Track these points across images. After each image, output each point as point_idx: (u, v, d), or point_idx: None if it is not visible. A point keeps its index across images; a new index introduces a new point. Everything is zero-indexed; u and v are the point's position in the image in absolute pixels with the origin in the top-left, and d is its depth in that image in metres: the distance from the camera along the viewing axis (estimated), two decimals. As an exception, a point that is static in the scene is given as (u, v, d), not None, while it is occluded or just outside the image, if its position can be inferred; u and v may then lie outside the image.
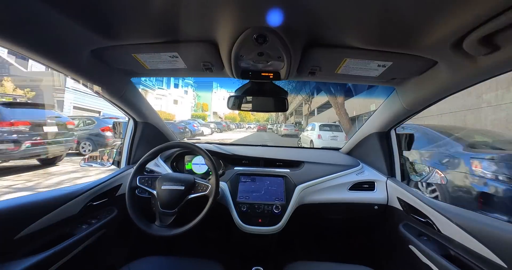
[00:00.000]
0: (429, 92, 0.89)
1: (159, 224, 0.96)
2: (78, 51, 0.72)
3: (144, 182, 1.02)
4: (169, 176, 1.03)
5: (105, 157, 1.37)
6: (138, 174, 1.03)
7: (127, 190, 0.99)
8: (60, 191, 0.91)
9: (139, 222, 0.95)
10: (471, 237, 0.73)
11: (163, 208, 0.96)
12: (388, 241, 1.23)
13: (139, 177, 1.02)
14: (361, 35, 0.64)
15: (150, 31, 0.66)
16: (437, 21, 0.53)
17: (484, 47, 0.56)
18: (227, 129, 24.95)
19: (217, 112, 47.85)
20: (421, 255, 0.90)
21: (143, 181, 1.02)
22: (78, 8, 0.55)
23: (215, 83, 52.13)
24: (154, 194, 0.99)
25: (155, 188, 0.99)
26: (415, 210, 1.01)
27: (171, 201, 0.96)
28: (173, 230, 0.93)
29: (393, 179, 1.26)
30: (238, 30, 0.63)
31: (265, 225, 1.13)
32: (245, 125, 43.39)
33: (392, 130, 1.29)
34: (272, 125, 33.70)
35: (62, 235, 0.87)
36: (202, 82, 48.41)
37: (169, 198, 0.96)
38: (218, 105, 50.32)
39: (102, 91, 1.00)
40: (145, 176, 1.04)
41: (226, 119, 50.29)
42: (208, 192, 1.00)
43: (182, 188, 0.98)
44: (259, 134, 20.82)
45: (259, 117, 58.11)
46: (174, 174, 1.06)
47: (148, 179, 1.02)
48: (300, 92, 19.25)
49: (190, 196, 0.99)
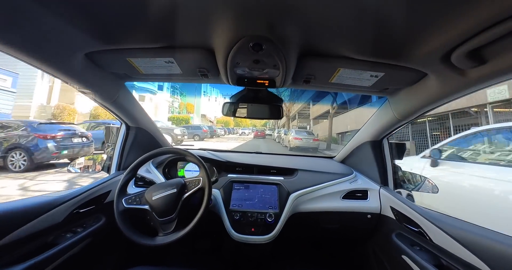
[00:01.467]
0: (419, 102, 0.91)
1: (163, 234, 0.93)
2: (71, 54, 0.71)
3: (132, 202, 0.97)
4: (157, 186, 1.00)
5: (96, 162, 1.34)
6: (122, 196, 0.98)
7: (117, 216, 0.94)
8: (44, 198, 0.87)
9: (142, 240, 0.91)
10: (462, 247, 0.74)
11: (161, 217, 0.93)
12: (381, 251, 1.22)
13: (125, 199, 0.98)
14: (355, 46, 0.66)
15: (146, 36, 0.66)
16: (426, 35, 0.56)
17: (471, 61, 0.58)
18: (209, 135, 18.20)
19: (205, 114, 41.55)
20: (414, 265, 0.89)
21: (130, 201, 0.98)
22: (73, 10, 0.54)
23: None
24: (146, 209, 0.95)
25: (147, 202, 0.96)
26: (408, 219, 1.01)
27: (167, 207, 0.94)
28: (180, 232, 0.91)
29: (386, 187, 1.26)
30: (234, 38, 0.63)
31: (258, 234, 1.11)
32: (239, 131, 39.49)
33: (384, 139, 1.31)
34: (271, 131, 28.23)
35: (45, 244, 0.83)
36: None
37: (165, 205, 0.94)
38: (208, 107, 43.50)
39: (94, 94, 0.98)
40: (131, 195, 0.99)
41: (218, 123, 45.62)
42: (201, 185, 0.99)
43: (175, 190, 0.96)
44: (254, 144, 15.59)
45: (256, 122, 51.24)
46: (160, 183, 1.04)
47: (135, 198, 0.99)
48: (303, 96, 18.57)
49: (185, 195, 0.97)
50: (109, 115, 10.18)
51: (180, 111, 33.94)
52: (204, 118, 41.48)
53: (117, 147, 1.32)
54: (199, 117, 37.47)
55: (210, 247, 1.55)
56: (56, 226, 0.87)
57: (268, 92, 1.04)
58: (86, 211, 1.01)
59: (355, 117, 13.66)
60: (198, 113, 37.89)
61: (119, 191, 0.99)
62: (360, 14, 0.51)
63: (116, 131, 1.35)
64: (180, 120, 25.25)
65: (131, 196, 0.99)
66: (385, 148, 1.32)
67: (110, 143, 1.34)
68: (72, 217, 0.94)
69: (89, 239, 0.99)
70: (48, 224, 0.84)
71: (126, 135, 1.32)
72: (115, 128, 1.35)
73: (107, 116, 11.40)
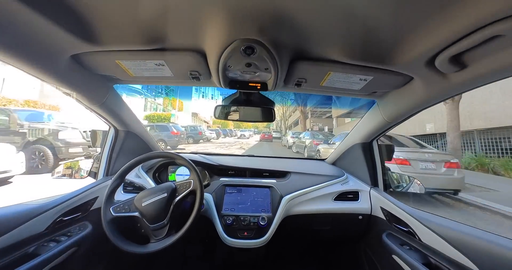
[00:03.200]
0: (406, 105, 0.94)
1: (155, 240, 0.90)
2: (57, 55, 0.69)
3: (121, 210, 0.95)
4: (146, 191, 0.97)
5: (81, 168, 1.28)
6: (110, 204, 0.96)
7: (105, 225, 0.91)
8: (24, 206, 0.82)
9: (134, 248, 0.88)
10: (449, 245, 0.76)
11: (152, 223, 0.91)
12: (372, 251, 1.24)
13: (113, 207, 0.95)
14: (344, 50, 0.67)
15: (136, 38, 0.65)
16: (412, 41, 0.58)
17: (453, 65, 0.61)
18: (186, 140, 13.20)
19: (198, 113, 34.99)
20: (404, 265, 0.91)
21: (119, 209, 0.95)
22: (59, 10, 0.52)
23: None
24: (137, 216, 0.92)
25: (136, 209, 0.93)
26: (398, 219, 1.04)
27: (158, 213, 0.91)
28: (173, 237, 0.89)
29: (376, 189, 1.29)
30: (226, 41, 0.63)
31: (251, 238, 1.10)
32: (237, 133, 33.24)
33: (374, 141, 1.34)
34: (276, 133, 22.33)
35: (25, 255, 0.78)
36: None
37: (156, 211, 0.91)
38: (205, 105, 37.63)
39: (81, 98, 0.95)
40: (119, 203, 0.97)
41: (214, 125, 38.75)
42: (193, 187, 0.97)
43: (165, 195, 0.93)
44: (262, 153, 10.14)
45: (258, 124, 39.55)
46: (150, 188, 1.00)
47: (123, 205, 0.96)
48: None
49: (176, 199, 0.95)
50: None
51: (165, 108, 27.18)
52: (196, 117, 34.75)
53: (105, 151, 1.28)
54: (189, 116, 31.80)
55: (202, 252, 1.52)
56: (38, 235, 0.82)
57: (260, 95, 1.04)
58: (71, 218, 0.97)
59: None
60: (188, 110, 31.73)
61: (106, 198, 0.96)
62: (349, 20, 0.53)
63: (103, 134, 1.31)
64: (161, 118, 20.26)
65: (119, 204, 0.96)
66: (375, 150, 1.35)
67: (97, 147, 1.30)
68: (56, 226, 0.89)
69: (74, 248, 0.94)
70: (29, 233, 0.79)
71: (115, 139, 1.28)
72: (102, 131, 1.31)
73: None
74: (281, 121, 33.01)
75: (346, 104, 15.80)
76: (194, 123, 29.59)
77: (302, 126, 20.08)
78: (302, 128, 19.79)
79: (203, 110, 37.35)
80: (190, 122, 27.74)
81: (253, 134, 27.96)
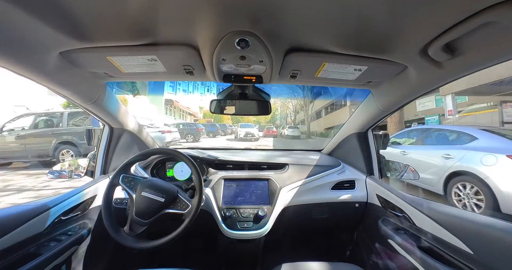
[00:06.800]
0: (400, 94, 0.95)
1: (128, 231, 0.91)
2: (44, 53, 0.66)
3: (127, 182, 0.97)
4: (152, 183, 0.97)
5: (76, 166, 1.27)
6: (122, 173, 0.99)
7: (107, 187, 0.97)
8: (23, 207, 0.82)
9: (109, 224, 0.91)
10: (442, 229, 0.79)
11: (136, 215, 0.92)
12: (369, 237, 1.28)
13: (123, 175, 0.98)
14: (339, 41, 0.67)
15: (127, 33, 0.63)
16: (405, 30, 0.58)
17: (446, 53, 0.62)
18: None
19: (176, 101, 23.15)
20: (399, 248, 0.94)
21: (126, 180, 0.98)
22: (45, 5, 0.50)
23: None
24: (132, 198, 0.94)
25: (135, 192, 0.94)
26: (392, 205, 1.07)
27: (146, 210, 0.92)
28: (140, 243, 0.90)
29: (372, 177, 1.32)
30: (219, 34, 0.62)
31: (250, 230, 1.12)
32: (238, 131, 15.91)
33: (369, 131, 1.36)
34: (293, 129, 16.26)
35: (27, 255, 0.78)
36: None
37: (146, 207, 0.92)
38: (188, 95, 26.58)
39: (73, 96, 0.93)
40: (130, 175, 1.00)
41: (205, 118, 29.53)
42: (186, 212, 0.95)
43: (162, 200, 0.93)
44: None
45: (260, 119, 31.11)
46: (158, 182, 0.99)
47: (131, 180, 0.98)
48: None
49: (167, 211, 0.94)
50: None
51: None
52: (172, 106, 22.04)
53: (100, 150, 1.26)
54: (162, 105, 19.75)
55: (203, 245, 1.55)
56: (38, 235, 0.82)
57: (255, 88, 1.04)
58: (70, 218, 0.97)
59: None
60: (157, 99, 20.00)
61: (122, 166, 1.01)
62: (343, 9, 0.52)
63: (98, 133, 1.29)
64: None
65: (129, 176, 0.99)
66: (370, 139, 1.37)
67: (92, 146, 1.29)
68: (56, 225, 0.89)
69: (75, 246, 0.95)
70: (29, 234, 0.79)
71: (110, 137, 1.27)
72: (97, 130, 1.29)
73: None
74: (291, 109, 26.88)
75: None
76: (171, 115, 19.98)
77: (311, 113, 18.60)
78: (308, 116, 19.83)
79: (187, 100, 26.28)
80: (156, 116, 17.95)
81: (259, 132, 16.69)
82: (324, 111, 23.16)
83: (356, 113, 1.33)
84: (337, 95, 18.02)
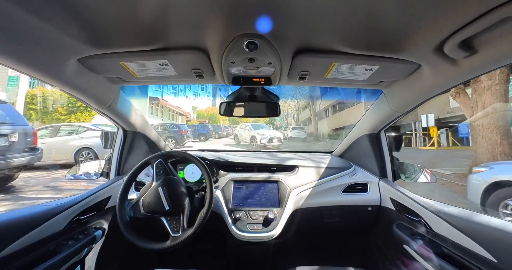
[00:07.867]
0: (414, 94, 0.92)
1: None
2: (64, 60, 0.70)
3: (158, 168, 1.02)
4: (174, 185, 0.99)
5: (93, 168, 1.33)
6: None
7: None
8: (44, 207, 0.86)
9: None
10: (462, 234, 0.75)
11: (142, 202, 0.97)
12: (383, 242, 1.24)
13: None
14: (349, 40, 0.66)
15: (139, 39, 0.66)
16: (418, 27, 0.56)
17: (463, 51, 0.59)
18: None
19: (163, 99, 20.82)
20: (416, 254, 0.90)
21: (159, 166, 1.02)
22: (64, 16, 0.53)
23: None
24: (151, 184, 0.99)
25: (157, 181, 0.99)
26: (408, 209, 1.03)
27: (150, 204, 0.96)
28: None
29: (385, 179, 1.28)
30: (228, 37, 0.63)
31: (260, 232, 1.12)
32: (257, 136, 12.77)
33: (382, 132, 1.32)
34: (298, 130, 14.95)
35: (47, 253, 0.82)
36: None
37: (151, 201, 0.96)
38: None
39: (89, 100, 0.97)
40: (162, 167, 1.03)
41: (199, 119, 28.28)
42: (173, 236, 0.93)
43: (166, 208, 0.94)
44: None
45: (257, 119, 15.63)
46: (178, 188, 0.99)
47: (162, 169, 1.02)
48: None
49: (162, 218, 0.96)
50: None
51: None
52: (158, 105, 19.64)
53: (115, 152, 1.31)
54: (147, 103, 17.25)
55: (213, 247, 1.56)
56: (58, 234, 0.86)
57: (264, 90, 1.04)
58: (87, 217, 1.00)
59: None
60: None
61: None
62: (353, 8, 0.51)
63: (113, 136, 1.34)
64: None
65: (162, 166, 1.02)
66: (383, 141, 1.33)
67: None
68: (73, 224, 0.93)
69: (92, 245, 0.98)
70: (49, 232, 0.83)
71: (124, 140, 1.31)
72: (113, 133, 1.35)
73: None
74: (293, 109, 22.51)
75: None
76: (157, 115, 17.99)
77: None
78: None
79: (179, 100, 22.36)
80: (148, 111, 16.51)
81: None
82: (332, 109, 20.07)
83: (368, 113, 1.30)
84: (348, 90, 16.50)
